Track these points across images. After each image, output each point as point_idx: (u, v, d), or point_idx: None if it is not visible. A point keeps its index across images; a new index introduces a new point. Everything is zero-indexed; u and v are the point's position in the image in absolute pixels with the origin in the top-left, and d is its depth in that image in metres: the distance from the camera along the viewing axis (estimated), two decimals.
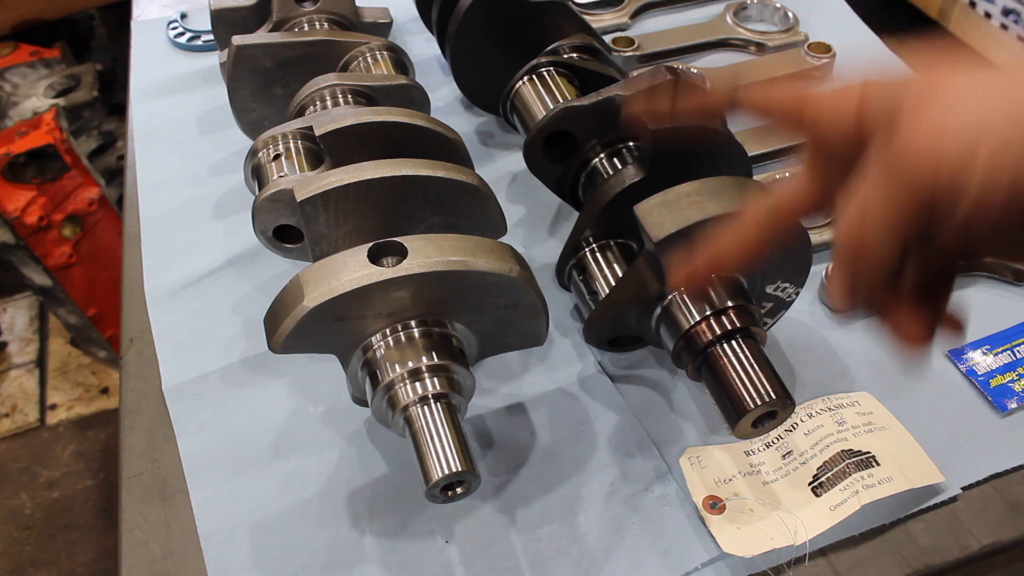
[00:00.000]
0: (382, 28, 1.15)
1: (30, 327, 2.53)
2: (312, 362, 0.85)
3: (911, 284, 0.47)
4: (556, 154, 0.86)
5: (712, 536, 0.70)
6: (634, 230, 0.70)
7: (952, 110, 0.41)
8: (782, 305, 0.79)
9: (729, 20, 1.24)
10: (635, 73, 0.98)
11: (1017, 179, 0.38)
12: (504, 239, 0.79)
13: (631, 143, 0.85)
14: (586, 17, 1.07)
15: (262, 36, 0.99)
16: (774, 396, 0.65)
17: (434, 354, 0.67)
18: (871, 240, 0.43)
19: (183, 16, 1.35)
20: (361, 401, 0.74)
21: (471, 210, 0.79)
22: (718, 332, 0.68)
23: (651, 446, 0.77)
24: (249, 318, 0.90)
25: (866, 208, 0.43)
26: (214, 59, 1.25)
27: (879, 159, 0.43)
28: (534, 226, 0.99)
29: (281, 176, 0.80)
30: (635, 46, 1.18)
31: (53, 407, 2.32)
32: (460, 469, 0.62)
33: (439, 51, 1.15)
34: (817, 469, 0.73)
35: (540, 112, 0.90)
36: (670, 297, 0.72)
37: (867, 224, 0.43)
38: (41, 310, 2.55)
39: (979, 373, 0.81)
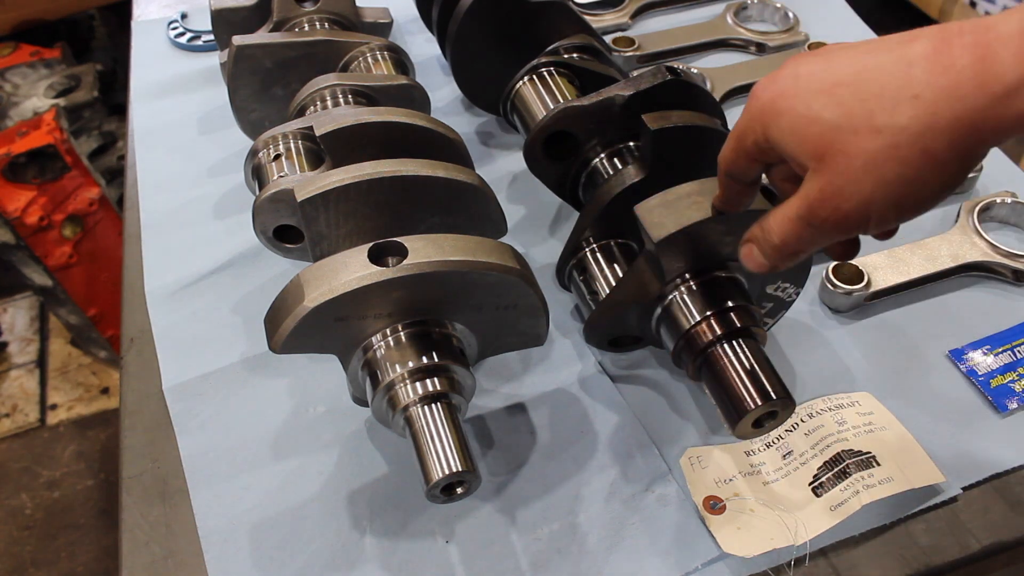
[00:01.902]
0: (382, 28, 1.16)
1: (30, 327, 2.53)
2: (312, 362, 0.85)
3: None
4: (556, 154, 0.86)
5: (712, 536, 0.70)
6: (634, 230, 0.70)
7: (846, 183, 0.51)
8: (782, 305, 0.79)
9: (729, 20, 1.24)
10: (635, 73, 0.98)
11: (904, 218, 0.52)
12: (504, 239, 0.79)
13: (631, 143, 0.85)
14: (586, 17, 1.07)
15: (262, 36, 0.99)
16: (774, 396, 0.65)
17: (434, 354, 0.67)
18: (791, 248, 0.57)
19: (183, 16, 1.35)
20: (361, 401, 0.74)
21: (471, 210, 0.79)
22: (718, 332, 0.68)
23: (651, 446, 0.77)
24: (249, 318, 0.90)
25: (790, 231, 0.56)
26: (214, 59, 1.25)
27: (798, 208, 0.54)
28: (534, 226, 0.99)
29: (281, 176, 0.80)
30: (635, 46, 1.18)
31: (53, 407, 2.32)
32: (460, 469, 0.62)
33: (439, 51, 1.15)
34: (817, 469, 0.73)
35: (540, 112, 0.90)
36: (670, 297, 0.72)
37: (790, 243, 0.57)
38: (41, 310, 2.55)
39: (979, 373, 0.81)
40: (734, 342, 0.68)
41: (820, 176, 0.51)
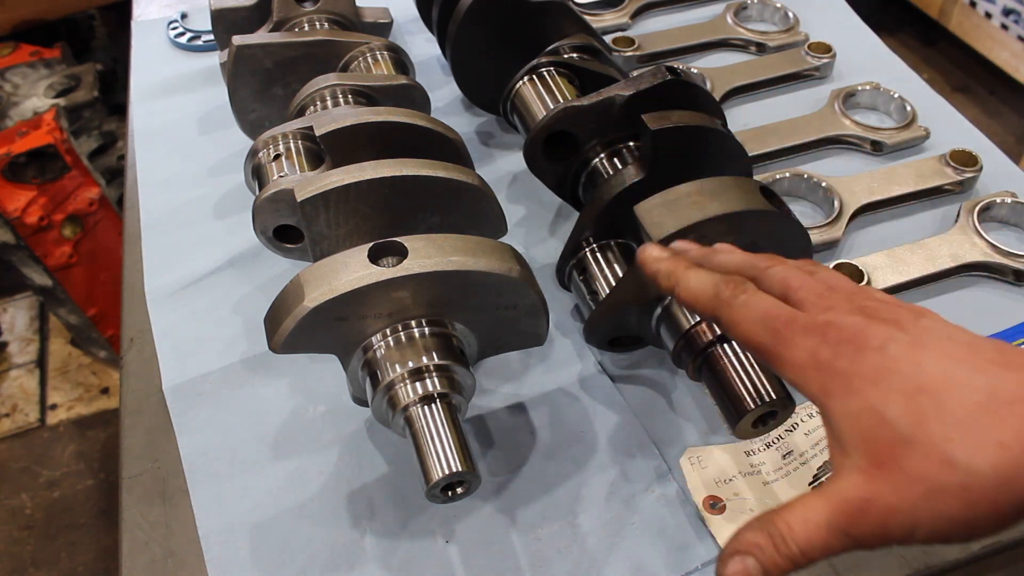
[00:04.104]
0: (382, 28, 1.16)
1: (30, 327, 2.53)
2: (312, 362, 0.85)
3: None
4: (556, 154, 0.86)
5: (712, 536, 0.70)
6: (634, 230, 0.70)
7: (899, 504, 0.45)
8: None
9: (729, 20, 1.24)
10: (635, 73, 0.98)
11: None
12: (504, 239, 0.79)
13: (631, 143, 0.85)
14: (586, 17, 1.07)
15: (262, 36, 0.99)
16: (774, 396, 0.65)
17: (434, 354, 0.67)
18: (813, 557, 0.49)
19: (183, 16, 1.35)
20: (361, 401, 0.74)
21: (471, 210, 0.79)
22: (718, 332, 0.68)
23: (651, 446, 0.77)
24: (249, 318, 0.90)
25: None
26: (214, 59, 1.25)
27: (834, 515, 0.47)
28: (534, 226, 0.99)
29: (281, 176, 0.80)
30: (635, 46, 1.18)
31: (53, 407, 2.32)
32: (460, 469, 0.62)
33: (439, 51, 1.15)
34: (818, 469, 0.73)
35: (540, 112, 0.90)
36: (670, 297, 0.72)
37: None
38: (41, 310, 2.55)
39: None
40: (734, 342, 0.68)
41: (870, 485, 0.45)
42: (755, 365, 0.67)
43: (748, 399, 0.65)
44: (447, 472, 0.62)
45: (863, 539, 0.46)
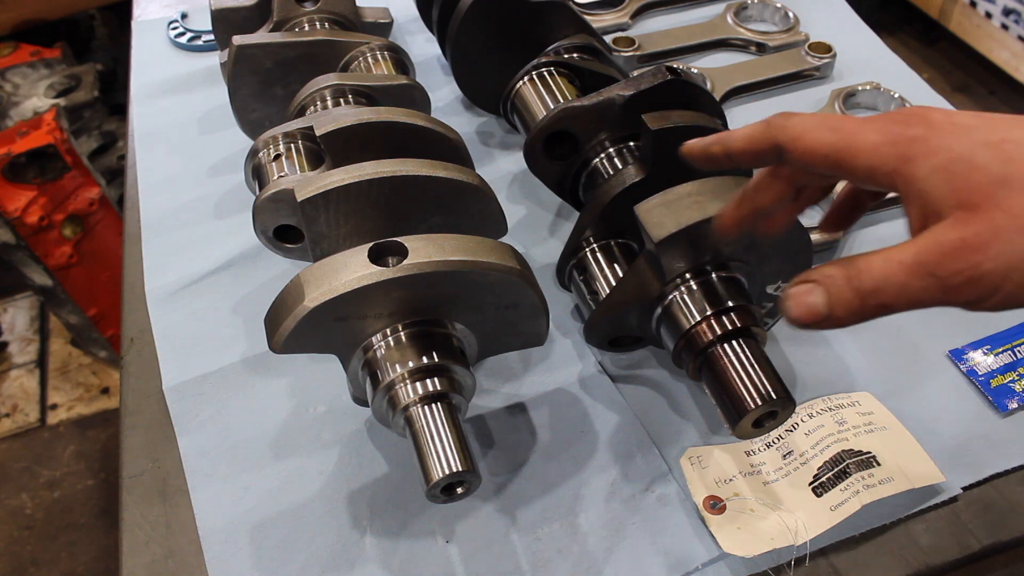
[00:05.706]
0: (382, 28, 1.16)
1: (31, 327, 2.53)
2: (312, 362, 0.85)
3: None
4: (556, 154, 0.86)
5: (712, 536, 0.70)
6: (635, 230, 0.70)
7: (996, 241, 0.45)
8: None
9: (729, 20, 1.24)
10: (635, 73, 0.98)
11: None
12: (504, 239, 0.79)
13: (631, 143, 0.85)
14: (586, 17, 1.07)
15: (262, 36, 0.99)
16: (775, 396, 0.65)
17: (434, 354, 0.67)
18: (884, 298, 0.48)
19: (183, 16, 1.36)
20: (361, 401, 0.74)
21: (471, 210, 0.79)
22: (719, 332, 0.68)
23: (651, 446, 0.77)
24: (249, 318, 0.90)
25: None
26: (214, 59, 1.25)
27: (921, 253, 0.47)
28: (534, 226, 0.99)
29: (282, 176, 0.80)
30: (635, 46, 1.18)
31: (54, 407, 2.32)
32: (460, 469, 0.62)
33: (439, 51, 1.15)
34: (818, 469, 0.73)
35: (540, 112, 0.90)
36: (670, 297, 0.72)
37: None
38: (42, 310, 2.55)
39: (980, 373, 0.81)
40: (734, 342, 0.68)
41: (965, 227, 0.45)
42: (756, 365, 0.67)
43: (748, 399, 0.65)
44: (447, 472, 0.62)
45: (949, 280, 0.45)
